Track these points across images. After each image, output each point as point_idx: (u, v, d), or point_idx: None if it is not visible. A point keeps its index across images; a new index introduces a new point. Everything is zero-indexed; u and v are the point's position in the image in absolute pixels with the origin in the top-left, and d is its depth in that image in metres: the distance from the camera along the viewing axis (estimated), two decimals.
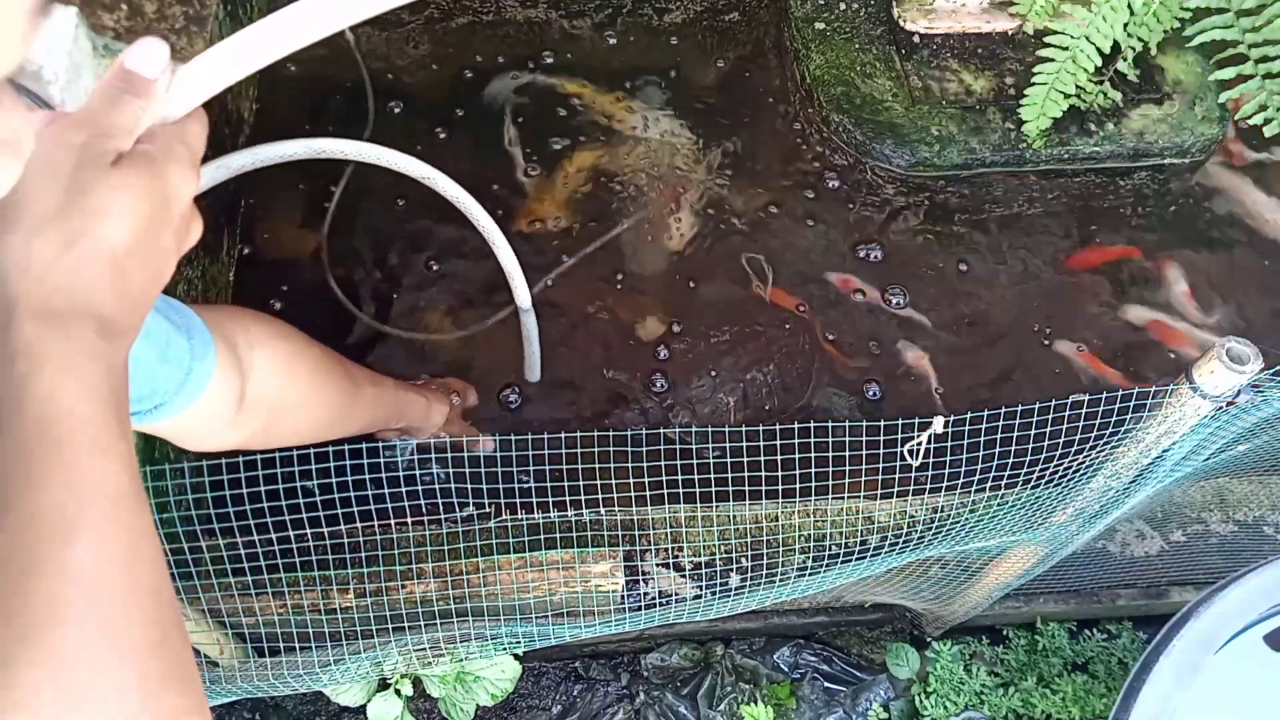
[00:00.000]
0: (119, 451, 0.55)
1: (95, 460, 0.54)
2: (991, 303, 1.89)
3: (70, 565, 0.51)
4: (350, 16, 0.61)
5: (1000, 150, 1.97)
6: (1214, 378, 0.95)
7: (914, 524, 1.41)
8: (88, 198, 0.56)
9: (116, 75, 0.59)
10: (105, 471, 0.54)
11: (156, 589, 0.54)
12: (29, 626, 0.49)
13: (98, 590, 0.51)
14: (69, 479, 0.52)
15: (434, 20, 2.12)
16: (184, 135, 0.61)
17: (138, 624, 0.52)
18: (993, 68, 2.06)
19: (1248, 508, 1.68)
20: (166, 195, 0.60)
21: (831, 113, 1.99)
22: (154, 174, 0.58)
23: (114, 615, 0.51)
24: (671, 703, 1.74)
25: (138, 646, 0.52)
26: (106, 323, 0.57)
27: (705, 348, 1.80)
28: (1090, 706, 1.65)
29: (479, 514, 1.41)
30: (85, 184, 0.56)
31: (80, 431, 0.53)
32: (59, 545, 0.51)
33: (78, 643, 0.50)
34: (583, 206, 1.92)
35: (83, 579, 0.51)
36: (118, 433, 0.55)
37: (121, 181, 0.57)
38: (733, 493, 1.35)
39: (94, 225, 0.56)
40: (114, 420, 0.55)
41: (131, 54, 0.59)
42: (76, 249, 0.56)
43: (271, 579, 1.27)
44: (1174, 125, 2.01)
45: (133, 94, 0.58)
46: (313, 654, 1.26)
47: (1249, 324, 1.92)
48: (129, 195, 0.57)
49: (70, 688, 0.49)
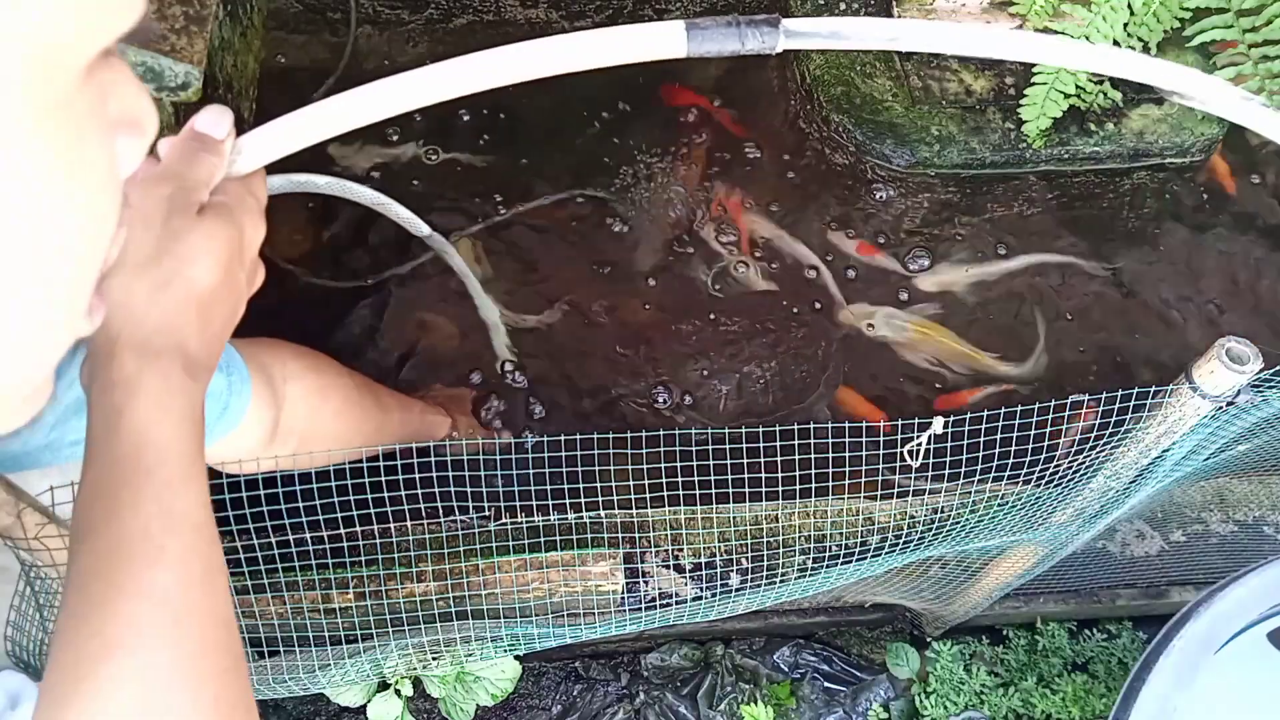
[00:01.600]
0: (200, 485, 0.59)
1: (181, 491, 0.57)
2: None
3: (154, 588, 0.53)
4: (402, 105, 0.66)
5: (1000, 150, 1.97)
6: (1214, 378, 0.95)
7: (914, 524, 1.41)
8: (179, 244, 0.60)
9: (190, 135, 0.64)
10: (190, 502, 0.57)
11: (228, 619, 0.57)
12: (111, 645, 0.52)
13: (179, 614, 0.54)
14: (158, 507, 0.55)
15: (434, 21, 2.12)
16: (252, 188, 0.67)
17: (212, 650, 0.55)
18: (993, 68, 2.06)
19: (1248, 508, 1.68)
20: (242, 242, 0.64)
21: (831, 113, 1.99)
22: (231, 222, 0.63)
23: (191, 640, 0.54)
24: (671, 703, 1.74)
25: (212, 672, 0.54)
26: (192, 361, 0.61)
27: (702, 345, 1.80)
28: (1090, 706, 1.65)
29: (479, 515, 1.41)
30: (176, 232, 0.60)
31: (169, 462, 0.57)
32: (143, 568, 0.54)
33: (157, 663, 0.52)
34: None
35: (166, 602, 0.54)
36: (199, 467, 0.59)
37: (207, 229, 0.62)
38: (733, 493, 1.35)
39: (185, 269, 0.61)
40: (197, 454, 0.59)
41: (201, 118, 0.64)
42: (170, 291, 0.60)
43: (271, 580, 1.27)
44: (1174, 125, 2.01)
45: (207, 151, 0.63)
46: (313, 654, 1.26)
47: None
48: (213, 242, 0.62)
49: (148, 706, 0.51)
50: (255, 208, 0.67)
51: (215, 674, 0.54)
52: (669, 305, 1.85)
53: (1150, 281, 1.95)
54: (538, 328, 1.80)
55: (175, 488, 0.57)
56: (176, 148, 0.63)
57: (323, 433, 1.15)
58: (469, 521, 1.35)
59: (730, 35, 0.66)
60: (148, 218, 0.60)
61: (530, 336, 1.79)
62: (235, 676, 0.56)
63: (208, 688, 0.53)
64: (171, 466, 0.57)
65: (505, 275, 1.84)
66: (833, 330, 1.84)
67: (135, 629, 0.52)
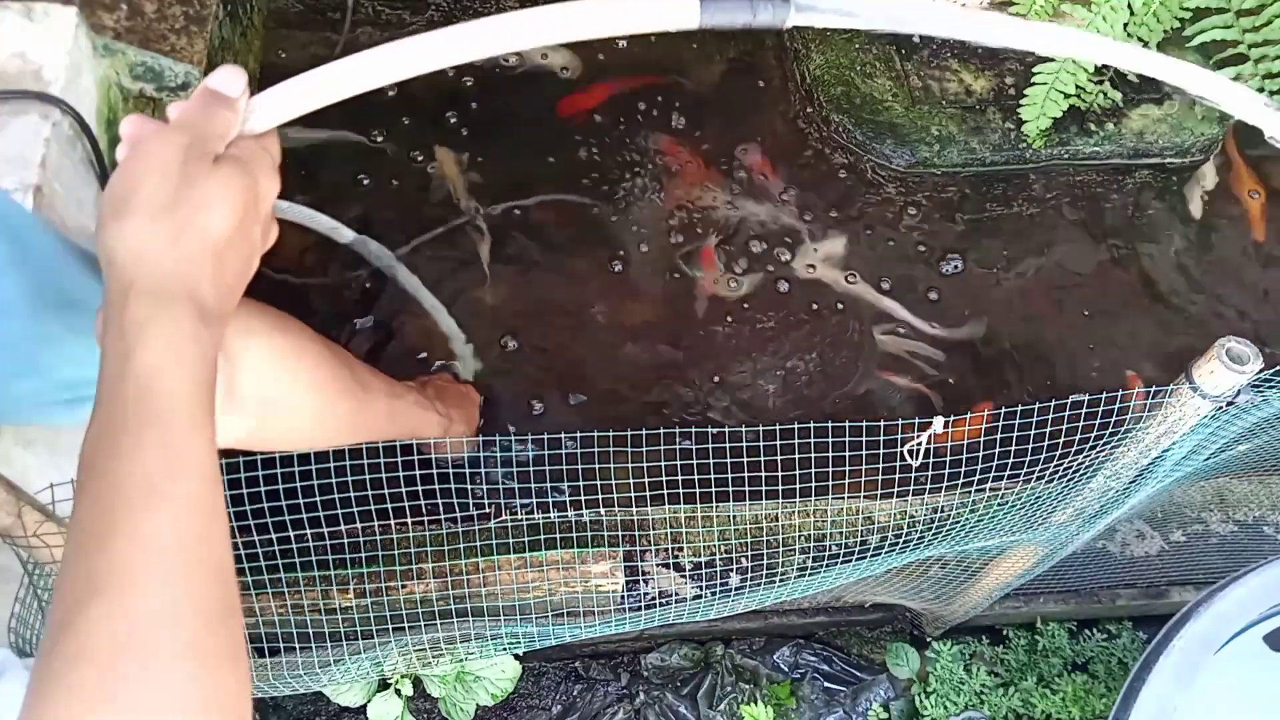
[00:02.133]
0: (207, 434, 0.59)
1: (187, 437, 0.57)
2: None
3: (148, 534, 0.54)
4: (413, 68, 0.67)
5: (1000, 150, 1.97)
6: (1213, 378, 0.95)
7: (914, 524, 1.41)
8: (195, 190, 0.61)
9: (204, 93, 0.65)
10: (194, 449, 0.57)
11: (222, 566, 0.57)
12: (102, 585, 0.53)
13: (170, 560, 0.54)
14: (161, 452, 0.56)
15: (434, 21, 2.12)
16: (266, 145, 0.68)
17: (202, 597, 0.55)
18: (993, 68, 2.06)
19: (1248, 508, 1.68)
20: (257, 194, 0.65)
21: (831, 113, 1.99)
22: (246, 173, 0.64)
23: (181, 586, 0.54)
24: (671, 703, 1.74)
25: (200, 619, 0.54)
26: (206, 309, 0.61)
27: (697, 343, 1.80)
28: (1090, 706, 1.65)
29: (479, 514, 1.41)
30: (192, 179, 0.61)
31: (176, 409, 0.57)
32: (140, 513, 0.54)
33: (141, 608, 0.53)
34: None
35: (158, 548, 0.54)
36: (208, 415, 0.59)
37: (222, 178, 0.63)
38: (733, 493, 1.35)
39: (201, 216, 0.61)
40: (206, 402, 0.60)
41: (215, 76, 0.66)
42: (186, 238, 0.61)
43: (271, 579, 1.27)
44: (1174, 125, 2.01)
45: (221, 106, 0.65)
46: (313, 654, 1.26)
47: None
48: (229, 190, 0.63)
49: (130, 646, 0.52)
50: (270, 163, 0.67)
51: (203, 623, 0.54)
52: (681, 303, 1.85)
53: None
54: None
55: (180, 433, 0.57)
56: (192, 102, 0.65)
57: (291, 405, 1.09)
58: (466, 519, 1.35)
59: (742, 7, 0.67)
60: (164, 165, 0.61)
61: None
62: (225, 627, 0.56)
63: (192, 633, 0.54)
64: (179, 413, 0.57)
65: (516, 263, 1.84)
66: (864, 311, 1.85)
67: (122, 573, 0.53)
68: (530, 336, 1.78)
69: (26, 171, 0.94)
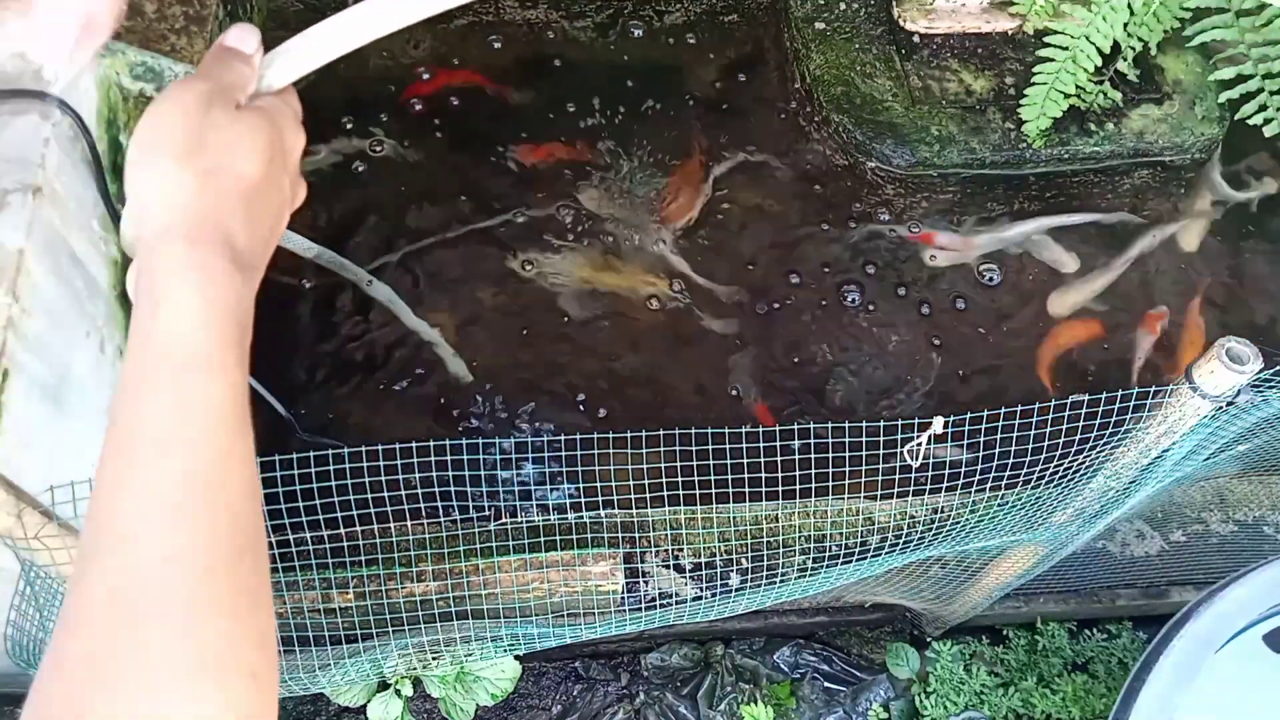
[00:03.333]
0: (231, 379, 0.57)
1: (208, 382, 0.56)
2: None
3: (156, 480, 0.53)
4: (422, 12, 0.69)
5: (1000, 150, 1.97)
6: (1213, 378, 0.95)
7: (914, 524, 1.41)
8: (222, 134, 0.61)
9: (219, 49, 0.66)
10: (216, 394, 0.56)
11: (239, 513, 0.55)
12: (104, 543, 0.52)
13: (178, 508, 0.53)
14: (176, 395, 0.55)
15: (434, 21, 2.12)
16: (286, 99, 0.68)
17: (211, 540, 0.53)
18: (993, 68, 2.06)
19: (1248, 508, 1.68)
20: (284, 143, 0.66)
21: (831, 113, 1.99)
22: (271, 121, 0.65)
23: (186, 535, 0.53)
24: (671, 703, 1.74)
25: (209, 563, 0.53)
26: (238, 255, 0.61)
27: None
28: (1090, 706, 1.65)
29: (479, 515, 1.41)
30: (217, 123, 0.61)
31: (199, 353, 0.56)
32: (152, 460, 0.53)
33: (142, 559, 0.51)
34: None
35: (165, 495, 0.53)
36: (234, 360, 0.58)
37: (248, 122, 0.63)
38: (733, 493, 1.34)
39: (229, 160, 0.61)
40: (233, 347, 0.58)
41: (230, 35, 0.66)
42: (216, 181, 0.61)
43: (271, 580, 1.27)
44: (1174, 125, 2.01)
45: (238, 60, 0.66)
46: (313, 654, 1.26)
47: None
48: (255, 134, 0.63)
49: (124, 603, 0.50)
50: (292, 116, 0.67)
51: (210, 565, 0.52)
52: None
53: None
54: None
55: (201, 378, 0.56)
56: (208, 57, 0.65)
57: None
58: (466, 520, 1.35)
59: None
60: (188, 109, 0.61)
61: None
62: (237, 566, 0.54)
63: (200, 579, 0.52)
64: (200, 357, 0.56)
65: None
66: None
67: (126, 526, 0.52)
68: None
69: (26, 171, 0.94)
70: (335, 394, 1.71)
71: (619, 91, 2.06)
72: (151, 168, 0.60)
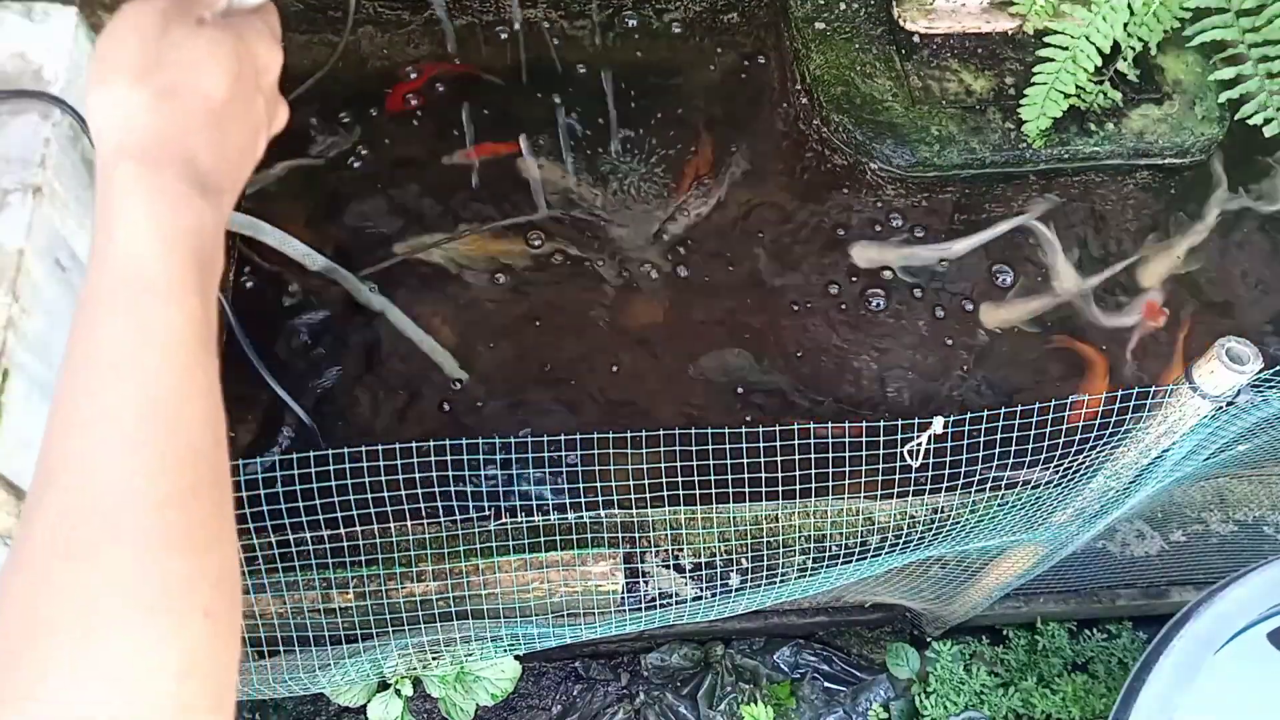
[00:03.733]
0: (190, 305, 0.55)
1: (165, 307, 0.54)
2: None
3: (111, 406, 0.51)
4: None
5: (1000, 150, 1.97)
6: (1214, 378, 0.95)
7: (914, 524, 1.41)
8: (181, 51, 0.59)
9: None
10: (170, 320, 0.54)
11: (198, 447, 0.53)
12: (51, 478, 0.50)
13: (133, 437, 0.51)
14: (133, 321, 0.53)
15: (434, 21, 2.12)
16: (262, 16, 0.65)
17: (158, 478, 0.51)
18: (993, 68, 2.06)
19: (1248, 508, 1.68)
20: (255, 62, 0.62)
21: (831, 113, 1.99)
22: (239, 38, 0.61)
23: (135, 465, 0.51)
24: (671, 703, 1.74)
25: (163, 495, 0.51)
26: (203, 177, 0.58)
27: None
28: (1090, 706, 1.65)
29: (479, 515, 1.41)
30: (176, 40, 0.59)
31: (155, 278, 0.54)
32: (107, 386, 0.52)
33: (89, 493, 0.49)
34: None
35: (117, 424, 0.51)
36: (194, 286, 0.56)
37: (210, 38, 0.60)
38: (733, 493, 1.35)
39: (189, 77, 0.59)
40: (194, 273, 0.56)
41: None
42: (175, 102, 0.58)
43: (271, 580, 1.27)
44: (1174, 125, 2.01)
45: None
46: (313, 654, 1.26)
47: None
48: (219, 49, 0.60)
49: (64, 537, 0.48)
50: (267, 33, 0.64)
51: (164, 499, 0.50)
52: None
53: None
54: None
55: (159, 300, 0.54)
56: None
57: None
58: (466, 520, 1.35)
59: None
60: (145, 28, 0.58)
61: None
62: (193, 502, 0.52)
63: (151, 513, 0.50)
64: (158, 280, 0.54)
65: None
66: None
67: (74, 459, 0.50)
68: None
69: (26, 171, 0.94)
70: (336, 398, 1.71)
71: (618, 91, 2.06)
72: (107, 89, 0.58)
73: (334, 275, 1.68)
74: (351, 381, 1.73)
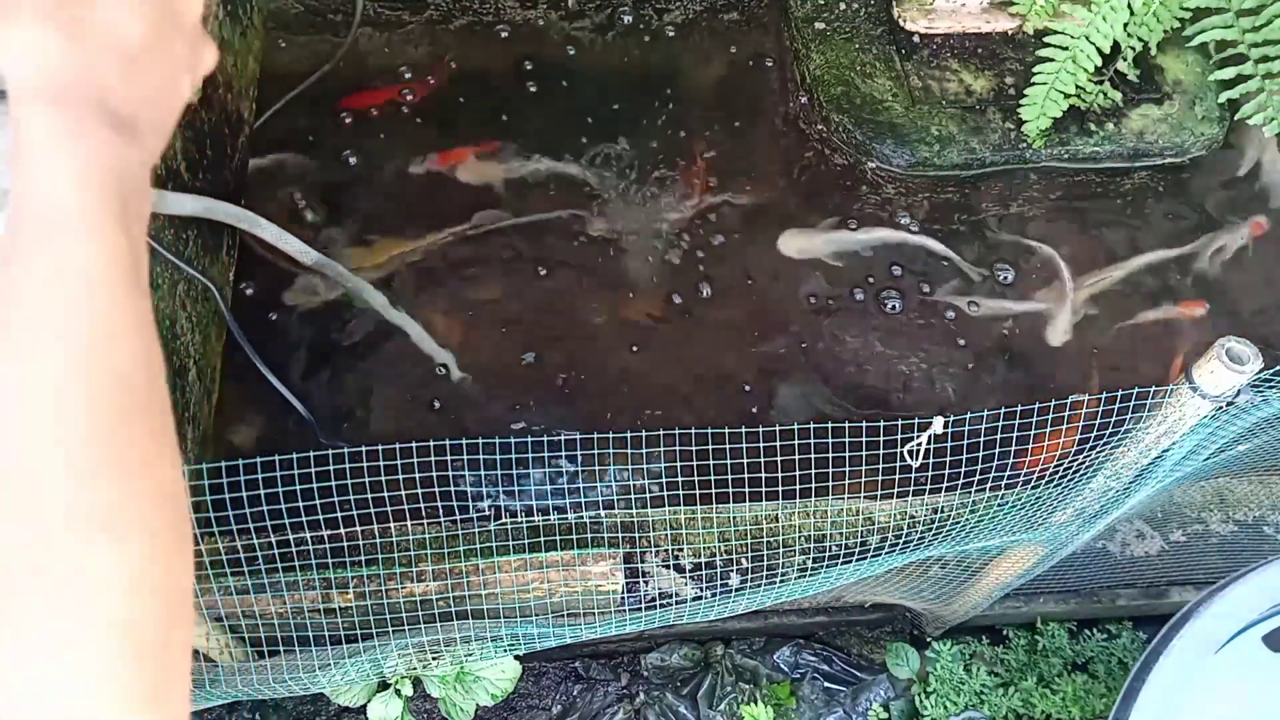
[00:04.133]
0: (113, 242, 0.55)
1: (79, 244, 0.54)
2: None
3: (31, 346, 0.51)
4: None
5: (1000, 150, 1.97)
6: (1214, 378, 0.95)
7: (914, 524, 1.41)
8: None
9: None
10: (91, 256, 0.54)
11: (128, 378, 0.54)
12: None
13: (53, 372, 0.51)
14: (49, 260, 0.53)
15: (434, 21, 2.12)
16: None
17: (84, 411, 0.51)
18: (993, 68, 2.06)
19: (1248, 508, 1.68)
20: (172, 2, 0.61)
21: (831, 113, 1.99)
22: None
23: (62, 401, 0.51)
24: (671, 703, 1.74)
25: (75, 435, 0.51)
26: (118, 119, 0.58)
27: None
28: (1090, 706, 1.65)
29: (479, 515, 1.41)
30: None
31: (70, 216, 0.54)
32: (28, 323, 0.52)
33: (6, 433, 0.50)
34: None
35: (39, 361, 0.51)
36: (115, 223, 0.55)
37: None
38: (733, 493, 1.35)
39: (96, 13, 0.57)
40: (113, 211, 0.55)
41: None
42: (84, 39, 0.57)
43: (271, 580, 1.28)
44: (1174, 125, 2.01)
45: None
46: (313, 655, 1.26)
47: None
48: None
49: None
50: None
51: (90, 433, 0.51)
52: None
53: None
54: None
55: (76, 239, 0.53)
56: None
57: None
58: (466, 520, 1.35)
59: None
60: None
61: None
62: (123, 429, 0.52)
63: (80, 445, 0.50)
64: (76, 218, 0.54)
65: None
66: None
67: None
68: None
69: None
70: (332, 395, 1.72)
71: (617, 91, 2.06)
72: (12, 27, 0.56)
73: (330, 271, 1.68)
74: (347, 378, 1.73)
